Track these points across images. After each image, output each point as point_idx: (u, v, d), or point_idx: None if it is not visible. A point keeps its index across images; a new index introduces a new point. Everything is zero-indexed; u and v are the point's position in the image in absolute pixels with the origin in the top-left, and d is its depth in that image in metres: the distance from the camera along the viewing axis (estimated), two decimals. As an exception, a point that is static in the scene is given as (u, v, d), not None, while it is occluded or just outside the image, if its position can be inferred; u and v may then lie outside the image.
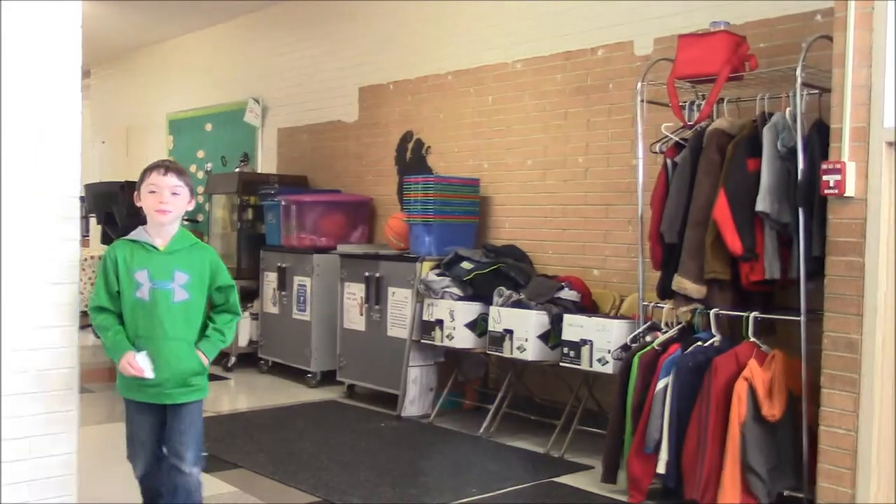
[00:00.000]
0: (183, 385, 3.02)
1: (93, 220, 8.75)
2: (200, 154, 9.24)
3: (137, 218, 3.18)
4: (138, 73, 10.48)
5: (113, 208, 7.89)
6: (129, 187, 8.70)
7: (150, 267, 2.98)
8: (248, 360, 7.07)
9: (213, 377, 6.72)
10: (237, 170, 7.74)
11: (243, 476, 4.26)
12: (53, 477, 3.14)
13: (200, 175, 9.03)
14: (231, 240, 7.32)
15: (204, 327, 3.09)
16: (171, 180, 2.98)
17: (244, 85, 8.49)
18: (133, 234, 3.06)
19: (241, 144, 8.39)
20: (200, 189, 8.72)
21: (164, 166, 3.00)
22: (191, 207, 3.08)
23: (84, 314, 3.15)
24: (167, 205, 2.97)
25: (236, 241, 7.24)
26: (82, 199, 3.52)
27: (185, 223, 3.30)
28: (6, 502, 3.02)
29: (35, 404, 3.07)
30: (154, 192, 2.97)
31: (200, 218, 8.48)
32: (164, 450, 3.10)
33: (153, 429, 3.10)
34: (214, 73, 9.07)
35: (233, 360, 7.06)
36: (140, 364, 2.92)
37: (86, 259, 8.22)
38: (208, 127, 9.13)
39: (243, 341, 7.09)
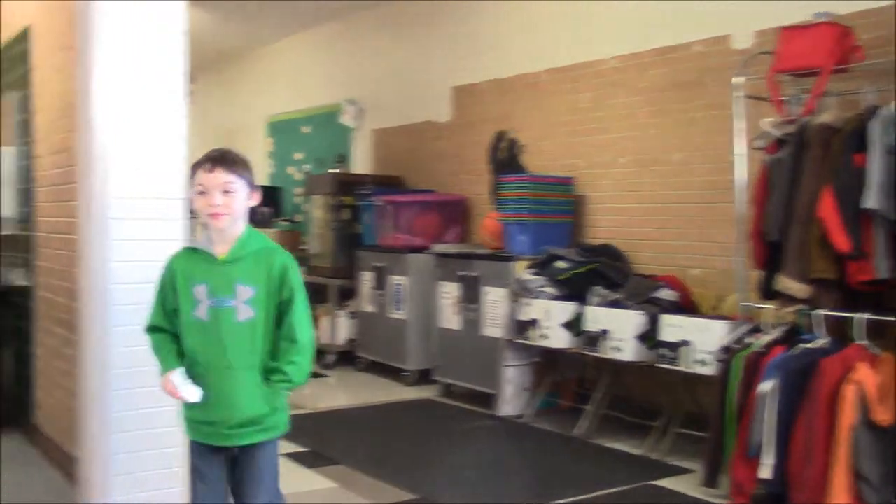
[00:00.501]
0: (248, 424, 2.46)
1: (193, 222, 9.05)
2: (298, 156, 9.44)
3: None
4: (240, 77, 10.77)
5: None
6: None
7: (209, 281, 2.45)
8: (346, 357, 7.19)
9: (312, 374, 6.86)
10: (333, 171, 7.87)
11: (343, 472, 4.34)
12: (161, 470, 3.25)
13: (298, 176, 9.23)
14: (328, 240, 7.45)
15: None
16: (220, 177, 2.41)
17: (340, 87, 8.63)
18: (194, 241, 2.60)
19: (337, 146, 8.53)
20: (299, 190, 8.91)
21: (211, 160, 2.43)
22: (254, 202, 2.52)
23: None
24: (219, 207, 2.41)
25: (333, 240, 7.36)
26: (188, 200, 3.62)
27: (284, 223, 3.34)
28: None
29: (143, 399, 3.19)
30: (203, 192, 2.42)
31: (299, 218, 8.66)
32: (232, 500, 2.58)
33: (219, 472, 2.55)
34: (312, 76, 9.25)
35: (331, 357, 7.18)
36: (175, 381, 2.44)
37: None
38: (306, 129, 9.31)
39: (341, 339, 7.21)
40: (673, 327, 4.46)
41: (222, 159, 2.45)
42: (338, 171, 7.82)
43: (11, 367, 5.18)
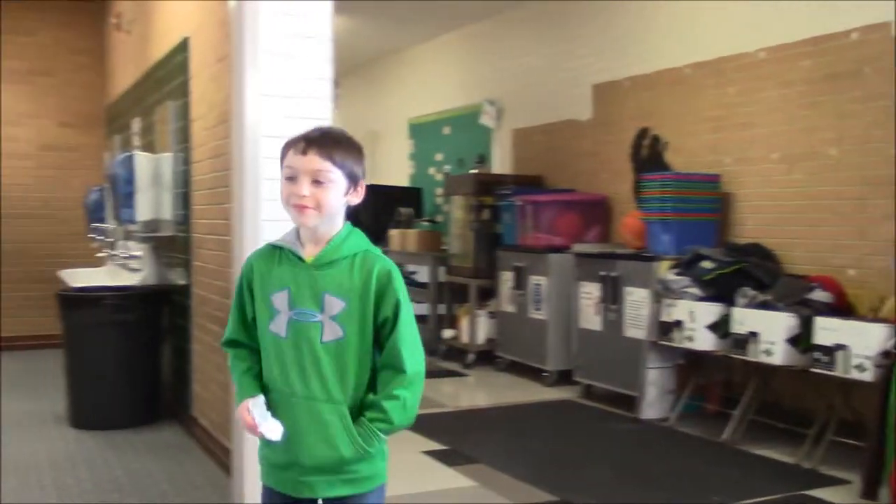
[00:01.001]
0: (330, 471, 1.94)
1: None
2: (439, 157, 9.55)
3: (378, 221, 3.10)
4: (382, 80, 11.00)
5: (357, 211, 8.33)
6: (370, 190, 9.17)
7: (291, 286, 1.95)
8: (486, 357, 7.22)
9: (452, 373, 6.94)
10: (473, 171, 7.93)
11: (482, 471, 4.36)
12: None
13: (439, 177, 9.34)
14: (468, 240, 7.50)
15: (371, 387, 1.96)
16: (314, 162, 1.90)
17: (480, 88, 8.68)
18: (280, 238, 2.04)
19: (477, 146, 8.59)
20: (439, 191, 9.01)
21: (306, 140, 1.93)
22: (356, 200, 2.00)
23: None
24: (307, 199, 1.90)
25: (473, 241, 7.41)
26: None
27: (426, 223, 3.35)
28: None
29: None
30: (291, 178, 1.92)
31: (439, 219, 8.77)
32: None
33: None
34: (452, 78, 9.34)
35: (471, 357, 7.24)
36: (254, 413, 1.94)
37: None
38: (446, 130, 9.42)
39: (481, 339, 7.25)
40: (828, 330, 4.25)
41: (320, 141, 1.92)
42: (478, 171, 7.88)
43: (171, 361, 5.48)
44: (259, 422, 1.91)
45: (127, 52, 7.34)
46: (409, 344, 1.93)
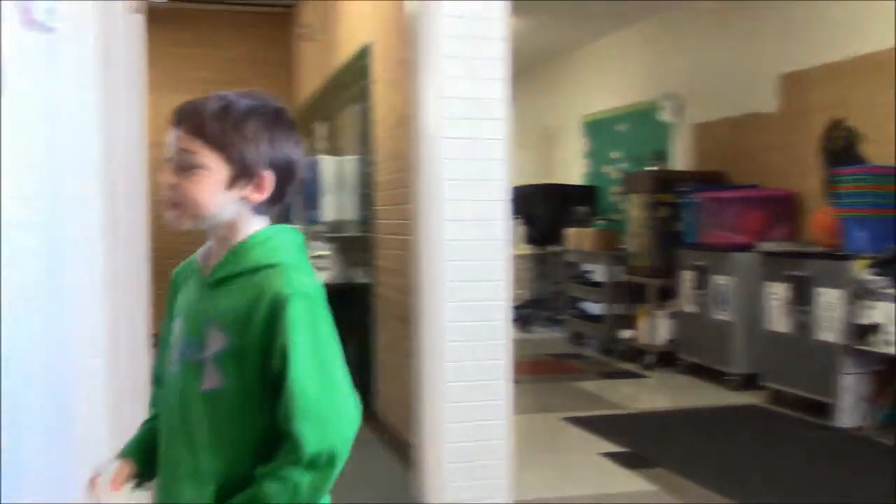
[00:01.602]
0: None
1: (515, 223, 9.35)
2: (614, 154, 9.40)
3: (553, 220, 3.05)
4: (556, 79, 10.94)
5: (533, 210, 8.34)
6: (545, 189, 9.12)
7: (185, 311, 1.45)
8: (666, 358, 7.03)
9: (630, 374, 6.81)
10: (651, 168, 7.75)
11: (663, 476, 4.25)
12: (490, 461, 3.39)
13: (615, 175, 9.19)
14: (646, 238, 7.33)
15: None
16: (180, 140, 1.37)
17: (657, 82, 8.46)
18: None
19: (653, 142, 8.38)
20: (616, 189, 8.86)
21: (177, 110, 1.39)
22: (259, 196, 1.39)
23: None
24: (169, 192, 1.40)
25: (651, 239, 7.24)
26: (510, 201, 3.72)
27: (602, 222, 3.27)
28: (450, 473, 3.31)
29: (473, 392, 3.34)
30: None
31: (616, 217, 8.62)
32: None
33: None
34: (627, 74, 9.17)
35: (651, 358, 7.07)
36: (101, 479, 1.45)
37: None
38: (621, 127, 9.25)
39: (661, 340, 7.07)
40: None
41: (191, 111, 1.37)
42: (655, 168, 7.68)
43: (355, 358, 5.67)
44: (101, 490, 1.42)
45: (312, 60, 7.67)
46: (310, 410, 1.30)
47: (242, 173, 1.37)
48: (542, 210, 8.20)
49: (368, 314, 5.31)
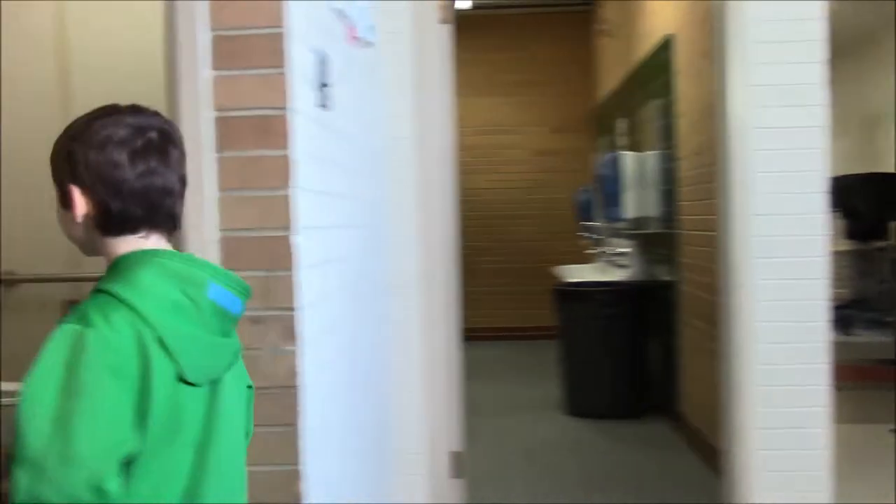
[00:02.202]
0: None
1: (834, 216, 8.67)
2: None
3: (878, 212, 2.82)
4: (879, 60, 10.01)
5: (854, 202, 7.68)
6: (869, 180, 8.40)
7: None
8: None
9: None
10: None
11: None
12: (807, 472, 3.18)
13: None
14: None
15: None
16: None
17: None
18: None
19: None
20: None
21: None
22: (82, 212, 1.23)
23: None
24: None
25: None
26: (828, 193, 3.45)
27: None
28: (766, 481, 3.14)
29: (789, 397, 3.15)
30: None
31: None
32: None
33: None
34: (967, 47, 8.17)
35: None
36: None
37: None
38: (961, 107, 8.25)
39: None
40: None
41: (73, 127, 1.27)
42: None
43: (659, 357, 5.56)
44: None
45: (612, 56, 7.63)
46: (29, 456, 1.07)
47: (63, 195, 1.26)
48: (865, 202, 7.51)
49: (671, 313, 5.18)
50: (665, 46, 5.25)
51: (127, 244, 1.24)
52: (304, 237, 1.76)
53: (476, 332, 6.74)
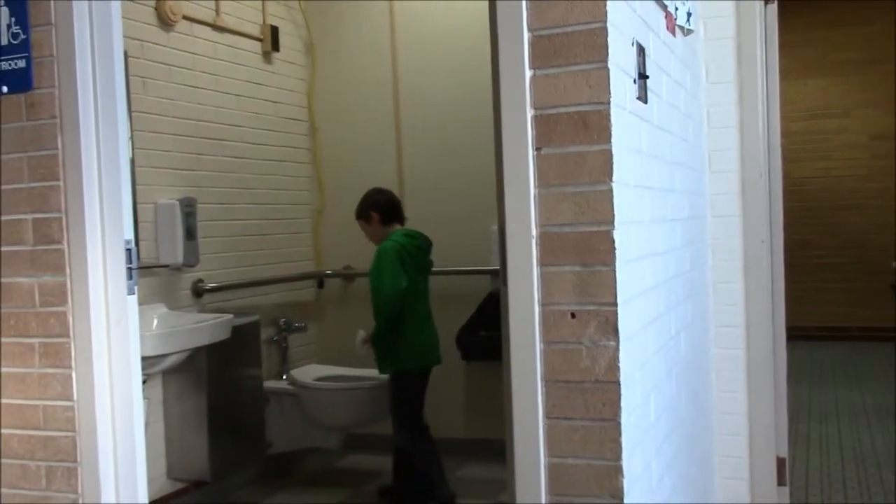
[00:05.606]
0: None
1: None
2: None
3: None
4: None
5: None
6: None
7: None
8: None
9: None
10: None
11: None
12: None
13: None
14: None
15: None
16: None
17: None
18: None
19: None
20: None
21: None
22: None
23: None
24: None
25: None
26: None
27: None
28: None
29: None
30: None
31: None
32: None
33: None
34: None
35: None
36: None
37: None
38: None
39: None
40: None
41: None
42: None
43: None
44: None
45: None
46: None
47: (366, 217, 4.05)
48: None
49: None
50: None
51: (391, 228, 3.82)
52: (622, 232, 1.74)
53: (801, 331, 6.32)
